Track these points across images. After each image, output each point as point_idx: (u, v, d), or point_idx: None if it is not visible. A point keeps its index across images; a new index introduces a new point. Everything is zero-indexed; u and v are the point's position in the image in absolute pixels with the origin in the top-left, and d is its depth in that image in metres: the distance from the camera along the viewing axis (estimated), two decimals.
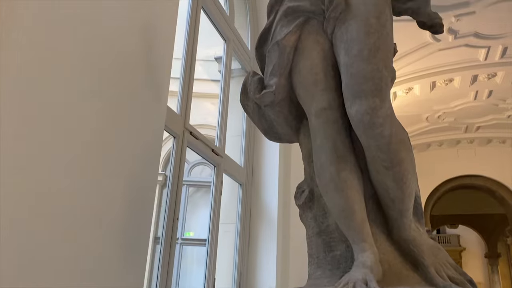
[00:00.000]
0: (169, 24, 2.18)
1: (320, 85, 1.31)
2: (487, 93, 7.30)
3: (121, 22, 1.76)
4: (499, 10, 5.24)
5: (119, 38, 1.73)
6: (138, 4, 1.89)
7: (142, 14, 1.91)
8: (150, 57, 1.96)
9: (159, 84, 2.04)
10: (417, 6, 1.46)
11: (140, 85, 1.87)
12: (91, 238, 1.50)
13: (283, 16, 1.38)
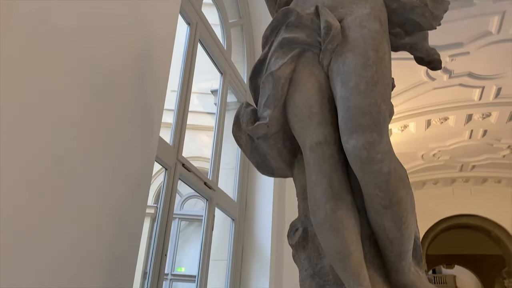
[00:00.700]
0: (164, 56, 2.16)
1: (315, 118, 1.27)
2: (481, 133, 7.34)
3: (117, 51, 1.73)
4: (492, 52, 5.33)
5: (113, 66, 1.70)
6: (135, 34, 1.87)
7: (138, 44, 1.89)
8: (145, 88, 1.93)
9: (152, 115, 2.00)
10: (414, 41, 1.44)
11: (133, 116, 1.83)
12: (75, 271, 1.42)
13: (278, 47, 1.35)
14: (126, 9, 1.80)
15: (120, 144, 1.73)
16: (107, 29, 1.67)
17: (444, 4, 1.35)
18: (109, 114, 1.66)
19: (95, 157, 1.56)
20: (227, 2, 3.79)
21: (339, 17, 1.30)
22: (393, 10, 1.35)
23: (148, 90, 1.97)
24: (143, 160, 1.91)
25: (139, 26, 1.90)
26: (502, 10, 4.66)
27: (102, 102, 1.62)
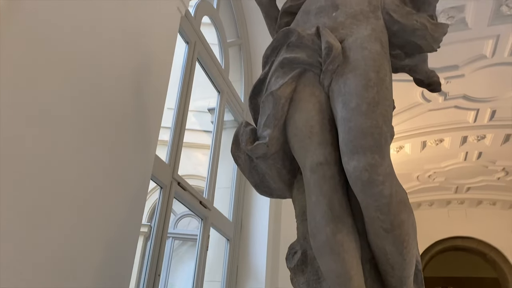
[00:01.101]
0: (163, 74, 2.16)
1: (315, 138, 1.25)
2: (476, 155, 7.35)
3: (116, 67, 1.72)
4: (487, 75, 5.38)
5: (112, 83, 1.69)
6: (134, 51, 1.87)
7: (137, 62, 1.88)
8: (142, 106, 1.92)
9: (149, 133, 1.98)
10: (414, 63, 1.44)
11: (129, 133, 1.81)
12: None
13: (278, 67, 1.35)
14: (126, 27, 1.80)
15: (116, 162, 1.71)
16: (106, 46, 1.66)
17: (443, 27, 1.36)
18: (105, 130, 1.64)
19: (89, 174, 1.54)
20: (225, 22, 3.82)
21: (340, 38, 1.30)
22: (394, 32, 1.35)
23: (146, 108, 1.95)
24: (139, 178, 1.88)
25: (138, 44, 1.90)
26: (496, 34, 4.73)
27: (99, 118, 1.61)
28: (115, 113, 1.72)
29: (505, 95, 5.75)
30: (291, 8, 1.63)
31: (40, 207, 1.31)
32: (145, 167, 1.94)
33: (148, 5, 1.94)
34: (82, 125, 1.51)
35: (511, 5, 4.36)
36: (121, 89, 1.76)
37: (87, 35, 1.54)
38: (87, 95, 1.54)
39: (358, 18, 1.33)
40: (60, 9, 1.40)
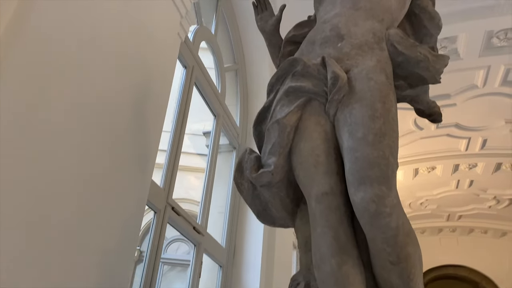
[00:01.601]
0: (161, 98, 2.15)
1: (321, 168, 1.24)
2: (468, 183, 7.40)
3: (115, 91, 1.71)
4: (478, 104, 5.47)
5: (110, 107, 1.68)
6: (133, 75, 1.86)
7: (136, 86, 1.87)
8: (140, 129, 1.90)
9: (146, 157, 1.96)
10: (415, 93, 1.45)
11: (126, 157, 1.78)
12: None
13: (284, 95, 1.35)
14: (127, 51, 1.80)
15: (112, 187, 1.68)
16: (107, 68, 1.65)
17: (444, 59, 1.38)
18: (102, 154, 1.62)
19: (85, 199, 1.50)
20: (222, 47, 3.85)
21: (345, 69, 1.31)
22: (398, 64, 1.36)
23: (144, 132, 1.94)
24: (134, 204, 1.84)
25: (139, 68, 1.89)
26: (488, 65, 4.83)
27: (97, 140, 1.58)
28: (113, 136, 1.70)
29: (496, 125, 5.84)
30: (294, 38, 1.64)
31: (35, 229, 1.27)
32: (141, 193, 1.91)
33: (150, 31, 1.95)
34: (80, 147, 1.48)
35: (501, 37, 4.47)
36: (120, 112, 1.75)
37: (90, 55, 1.53)
38: (86, 117, 1.52)
39: (363, 49, 1.35)
40: (65, 29, 1.40)
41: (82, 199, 1.48)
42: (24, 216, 1.23)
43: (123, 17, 1.73)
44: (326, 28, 1.44)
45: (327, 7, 1.55)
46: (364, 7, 1.45)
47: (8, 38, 1.17)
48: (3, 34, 1.16)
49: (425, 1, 1.59)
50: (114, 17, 1.66)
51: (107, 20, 1.62)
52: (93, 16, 1.54)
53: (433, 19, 1.55)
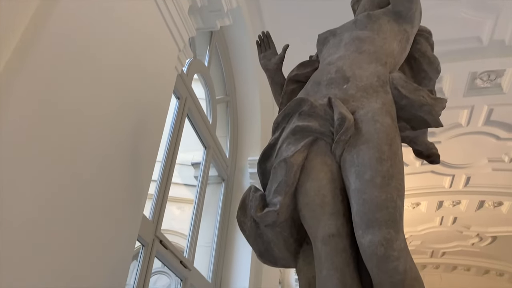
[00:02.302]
0: (156, 131, 2.12)
1: (328, 209, 1.23)
2: (452, 220, 7.46)
3: (110, 125, 1.69)
4: (462, 142, 5.58)
5: (106, 138, 1.65)
6: (130, 108, 1.84)
7: (132, 118, 1.85)
8: (133, 163, 1.86)
9: (138, 190, 1.91)
10: (414, 135, 1.47)
11: (119, 190, 1.74)
12: None
13: (290, 134, 1.35)
14: (126, 84, 1.79)
15: (104, 221, 1.63)
16: (105, 102, 1.64)
17: (442, 102, 1.41)
18: (95, 188, 1.58)
19: (79, 237, 1.45)
20: (215, 79, 3.88)
21: (351, 110, 1.32)
22: (402, 107, 1.38)
23: (137, 167, 1.90)
24: (125, 240, 1.78)
25: (135, 101, 1.88)
26: (471, 104, 4.97)
27: (91, 174, 1.55)
28: (108, 169, 1.66)
29: (479, 163, 5.95)
30: (297, 77, 1.67)
31: (26, 265, 1.21)
32: (132, 228, 1.85)
33: (149, 64, 1.95)
34: (73, 180, 1.44)
35: (484, 79, 4.63)
36: (116, 144, 1.72)
37: (91, 86, 1.52)
38: (82, 148, 1.49)
39: (368, 91, 1.37)
40: (68, 63, 1.39)
41: (75, 234, 1.43)
42: (18, 247, 1.18)
43: (124, 50, 1.73)
44: (331, 70, 1.46)
45: (331, 50, 1.58)
46: (367, 50, 1.48)
47: (7, 79, 1.16)
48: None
49: (425, 45, 1.64)
50: (116, 50, 1.66)
51: (109, 52, 1.62)
52: (96, 49, 1.54)
53: (432, 63, 1.59)
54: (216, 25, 2.61)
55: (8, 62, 1.16)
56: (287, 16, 3.78)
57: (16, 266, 1.19)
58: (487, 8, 3.79)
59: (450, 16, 3.87)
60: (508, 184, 6.27)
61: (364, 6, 1.74)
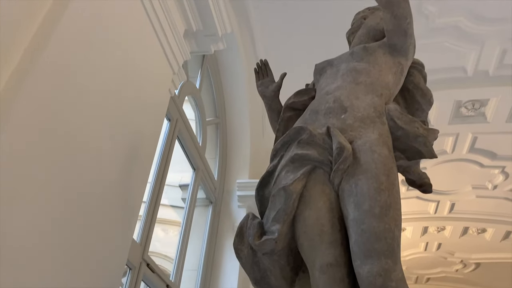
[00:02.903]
0: (147, 155, 2.11)
1: (326, 238, 1.24)
2: (436, 246, 7.50)
3: (104, 147, 1.68)
4: (447, 169, 5.67)
5: (99, 161, 1.64)
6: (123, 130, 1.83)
7: (125, 140, 1.84)
8: (124, 187, 1.84)
9: (128, 214, 1.88)
10: (408, 164, 1.49)
11: (109, 213, 1.72)
12: None
13: (289, 161, 1.36)
14: (121, 106, 1.78)
15: (93, 246, 1.60)
16: (99, 125, 1.63)
17: (434, 132, 1.44)
18: (87, 209, 1.55)
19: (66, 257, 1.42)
20: (205, 101, 3.90)
21: (349, 139, 1.34)
22: (397, 137, 1.41)
23: (128, 191, 1.88)
24: (114, 265, 1.75)
25: (129, 123, 1.87)
26: (456, 132, 5.07)
27: (83, 194, 1.53)
28: (98, 193, 1.64)
29: (463, 190, 6.03)
30: (294, 104, 1.69)
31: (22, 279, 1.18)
32: (121, 253, 1.82)
33: (144, 87, 1.96)
34: (65, 203, 1.42)
35: (469, 107, 4.73)
36: (107, 168, 1.70)
37: (88, 109, 1.51)
38: (73, 172, 1.47)
39: (365, 122, 1.39)
40: (63, 89, 1.39)
41: (65, 257, 1.40)
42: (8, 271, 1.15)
43: (120, 73, 1.74)
44: (329, 99, 1.49)
45: (328, 79, 1.61)
46: (364, 82, 1.52)
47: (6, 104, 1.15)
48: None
49: (418, 77, 1.69)
50: (112, 74, 1.67)
51: (105, 76, 1.62)
52: (92, 72, 1.54)
53: (425, 95, 1.64)
54: (210, 49, 2.64)
55: (4, 90, 1.15)
56: (279, 43, 3.84)
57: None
58: (472, 39, 3.92)
59: (436, 46, 3.98)
60: (492, 211, 6.35)
61: (360, 38, 1.79)
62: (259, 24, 3.69)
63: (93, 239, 1.59)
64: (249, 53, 3.86)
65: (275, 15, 3.65)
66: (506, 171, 5.55)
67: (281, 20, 3.69)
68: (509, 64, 4.08)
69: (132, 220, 1.92)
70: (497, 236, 6.91)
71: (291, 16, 3.64)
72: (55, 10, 1.34)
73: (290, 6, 3.56)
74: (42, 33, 1.29)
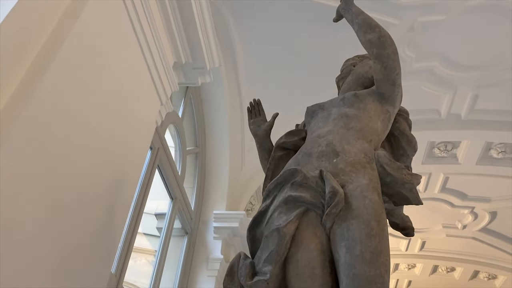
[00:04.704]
0: (129, 189, 2.10)
1: (317, 281, 1.25)
2: (406, 283, 7.55)
3: (88, 180, 1.66)
4: (419, 207, 5.70)
5: (84, 189, 1.62)
6: (109, 160, 1.82)
7: (107, 175, 1.83)
8: (106, 220, 1.82)
9: (108, 248, 1.85)
10: (392, 208, 1.54)
11: (89, 243, 1.68)
12: None
13: (283, 203, 1.38)
14: (108, 138, 1.77)
15: (72, 278, 1.55)
16: (82, 158, 1.62)
17: (417, 178, 1.49)
18: (67, 238, 1.52)
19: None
20: (186, 130, 3.90)
21: (341, 183, 1.37)
22: (386, 183, 1.45)
23: (109, 222, 1.85)
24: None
25: (115, 154, 1.86)
26: (429, 172, 5.21)
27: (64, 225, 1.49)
28: (80, 224, 1.61)
29: (434, 228, 6.15)
30: (284, 144, 1.72)
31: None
32: (99, 285, 1.77)
33: (131, 117, 1.96)
34: (47, 233, 1.39)
35: (442, 149, 4.90)
36: (91, 198, 1.68)
37: (78, 139, 1.50)
38: (58, 201, 1.45)
39: (356, 167, 1.43)
40: (57, 118, 1.38)
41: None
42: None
43: (111, 104, 1.74)
44: (322, 143, 1.52)
45: (319, 123, 1.66)
46: (354, 127, 1.57)
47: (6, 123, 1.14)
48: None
49: (403, 125, 1.76)
50: (103, 105, 1.67)
51: (96, 109, 1.63)
52: (87, 101, 1.54)
53: (410, 142, 1.71)
54: (197, 81, 2.67)
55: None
56: (262, 79, 3.92)
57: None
58: (446, 84, 4.10)
59: (412, 88, 4.13)
60: (461, 250, 6.49)
61: (349, 84, 1.86)
62: (244, 59, 3.77)
63: (73, 269, 1.55)
64: (232, 86, 3.92)
65: (260, 54, 3.74)
66: (475, 211, 5.72)
67: (265, 58, 3.78)
68: (480, 109, 4.28)
69: (112, 251, 1.89)
70: (465, 275, 7.03)
71: (275, 56, 3.74)
72: (53, 41, 1.35)
73: (276, 47, 3.66)
74: (40, 61, 1.29)
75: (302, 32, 3.52)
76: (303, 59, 3.75)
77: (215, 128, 4.18)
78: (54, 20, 1.39)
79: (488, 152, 4.69)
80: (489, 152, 4.69)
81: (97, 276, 1.75)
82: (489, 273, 6.88)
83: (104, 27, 1.65)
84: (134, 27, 1.87)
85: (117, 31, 1.76)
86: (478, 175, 5.01)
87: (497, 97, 4.12)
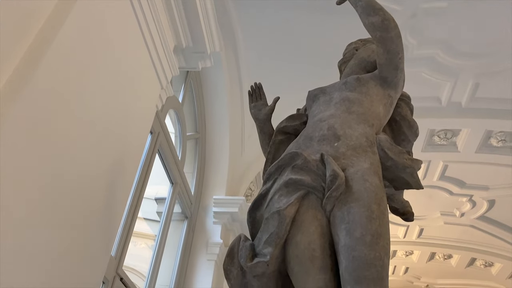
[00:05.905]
0: (129, 173, 2.10)
1: (317, 263, 1.26)
2: (404, 269, 7.62)
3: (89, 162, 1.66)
4: (417, 195, 5.73)
5: (83, 174, 1.62)
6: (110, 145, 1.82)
7: (108, 158, 1.83)
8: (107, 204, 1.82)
9: (109, 231, 1.86)
10: (392, 192, 1.54)
11: (90, 227, 1.69)
12: None
13: (283, 186, 1.38)
14: (110, 121, 1.77)
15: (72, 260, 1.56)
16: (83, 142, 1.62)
17: (418, 163, 1.49)
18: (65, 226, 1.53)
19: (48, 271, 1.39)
20: (187, 116, 3.90)
21: (342, 167, 1.37)
22: (387, 167, 1.45)
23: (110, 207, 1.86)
24: (89, 281, 1.71)
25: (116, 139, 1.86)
26: (428, 159, 5.22)
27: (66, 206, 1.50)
28: (81, 207, 1.61)
29: (432, 215, 6.19)
30: (285, 128, 1.72)
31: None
32: (99, 267, 1.79)
33: (132, 101, 1.96)
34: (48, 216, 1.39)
35: (441, 136, 4.90)
36: (91, 182, 1.68)
37: (79, 125, 1.50)
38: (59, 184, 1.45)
39: (357, 151, 1.43)
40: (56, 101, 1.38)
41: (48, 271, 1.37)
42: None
43: (111, 88, 1.73)
44: (323, 127, 1.52)
45: (321, 107, 1.65)
46: (356, 111, 1.57)
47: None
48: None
49: (405, 110, 1.75)
50: (103, 89, 1.67)
51: (96, 91, 1.62)
52: (87, 82, 1.53)
53: (412, 127, 1.70)
54: (198, 66, 2.66)
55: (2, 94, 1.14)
56: (263, 63, 3.89)
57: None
58: (447, 72, 4.08)
59: (413, 76, 4.10)
60: (458, 238, 6.53)
61: (351, 68, 1.85)
62: (244, 44, 3.74)
63: (73, 252, 1.56)
64: (232, 72, 3.90)
65: (261, 40, 3.71)
66: (474, 199, 5.74)
67: (265, 44, 3.76)
68: (480, 98, 4.26)
69: (112, 234, 1.90)
70: (462, 263, 7.10)
71: (275, 41, 3.72)
72: (52, 23, 1.34)
73: (276, 33, 3.63)
74: (42, 39, 1.28)
75: (303, 16, 3.50)
76: (304, 43, 3.73)
77: (215, 113, 4.17)
78: (53, 1, 1.38)
79: (488, 141, 4.69)
80: (489, 141, 4.69)
81: (97, 259, 1.77)
82: (485, 260, 6.95)
83: (104, 9, 1.64)
84: (135, 8, 1.85)
85: (117, 13, 1.75)
86: (477, 163, 5.02)
87: (498, 85, 4.10)
